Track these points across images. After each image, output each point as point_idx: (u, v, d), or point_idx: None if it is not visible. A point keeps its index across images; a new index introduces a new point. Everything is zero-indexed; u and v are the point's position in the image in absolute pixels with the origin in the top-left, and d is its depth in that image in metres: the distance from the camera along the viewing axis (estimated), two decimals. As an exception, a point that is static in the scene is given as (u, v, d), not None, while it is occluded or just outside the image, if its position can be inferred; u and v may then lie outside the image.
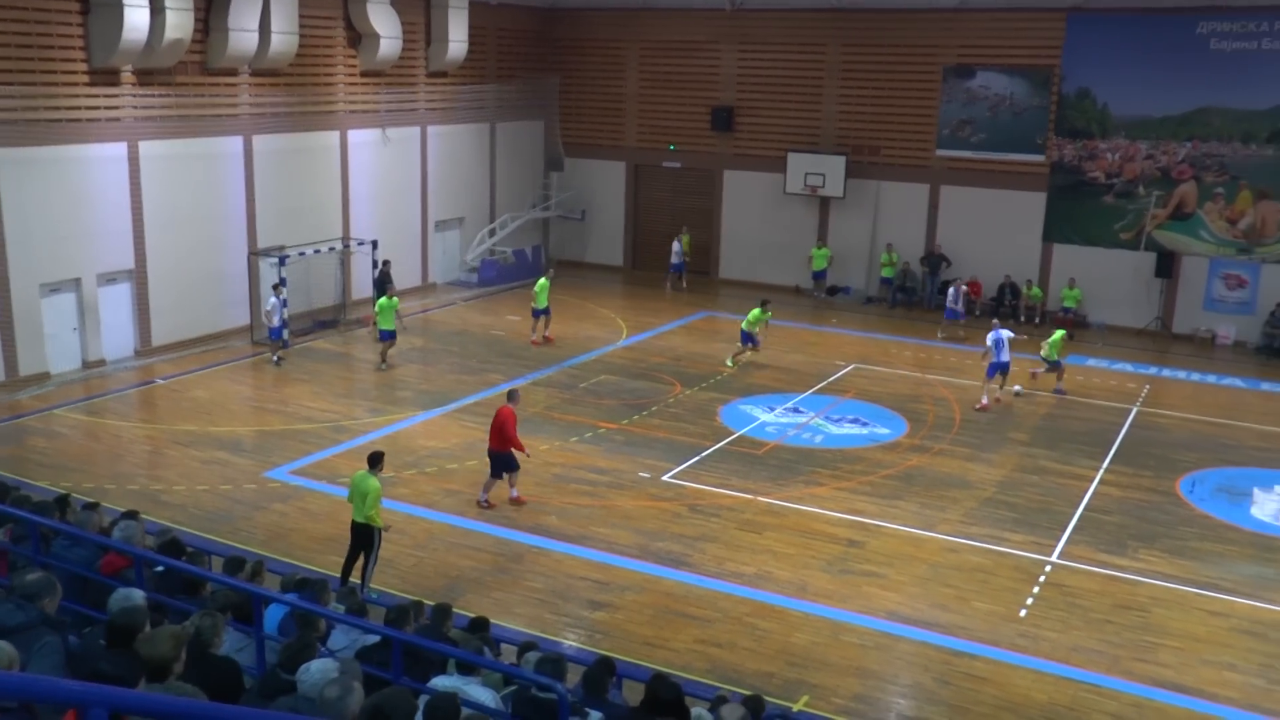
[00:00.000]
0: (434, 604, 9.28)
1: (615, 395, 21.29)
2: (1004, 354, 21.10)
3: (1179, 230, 27.46)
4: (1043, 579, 14.11)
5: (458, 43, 29.42)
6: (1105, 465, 18.31)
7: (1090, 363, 24.60)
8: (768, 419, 20.21)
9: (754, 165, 31.89)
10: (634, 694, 8.67)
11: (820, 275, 30.90)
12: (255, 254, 24.65)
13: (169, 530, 10.54)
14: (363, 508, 12.77)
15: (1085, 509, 16.44)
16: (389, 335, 22.60)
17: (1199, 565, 14.66)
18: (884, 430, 19.79)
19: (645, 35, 32.99)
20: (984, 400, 21.26)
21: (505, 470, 15.68)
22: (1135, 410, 21.42)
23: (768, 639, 12.46)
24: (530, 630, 12.26)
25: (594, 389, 21.66)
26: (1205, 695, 11.58)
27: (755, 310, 23.38)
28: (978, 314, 27.88)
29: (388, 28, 27.11)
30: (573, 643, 12.18)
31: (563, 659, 8.02)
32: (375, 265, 26.26)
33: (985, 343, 21.53)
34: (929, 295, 29.98)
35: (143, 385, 21.35)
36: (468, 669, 7.41)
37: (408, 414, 19.89)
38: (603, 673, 7.84)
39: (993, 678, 11.80)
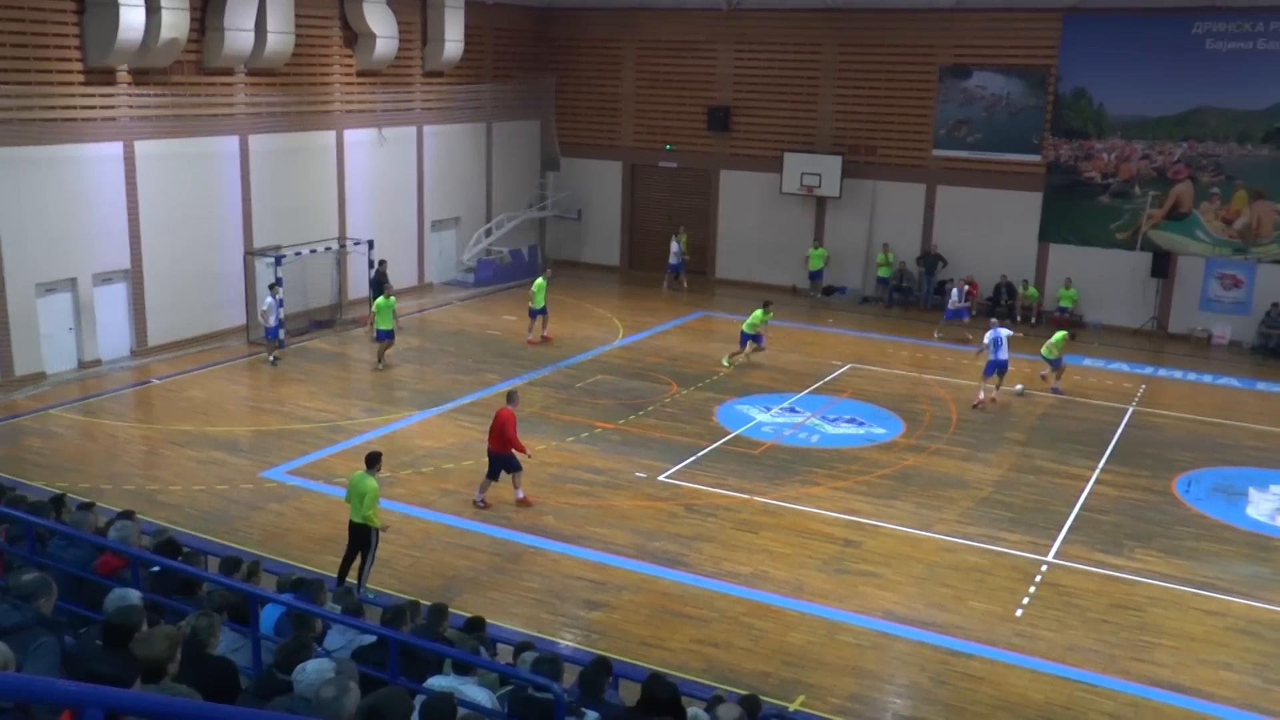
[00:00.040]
0: (430, 604, 9.28)
1: (612, 395, 21.29)
2: (1002, 352, 21.15)
3: (1175, 230, 27.50)
4: (1039, 578, 14.12)
5: (454, 42, 29.41)
6: (1101, 465, 18.33)
7: (1086, 362, 24.61)
8: (764, 419, 20.21)
9: (750, 165, 31.89)
10: (630, 694, 8.66)
11: (817, 275, 30.91)
12: (251, 254, 24.63)
13: (165, 530, 10.54)
14: (360, 508, 12.77)
15: (1081, 508, 16.46)
16: (387, 335, 22.59)
17: (1195, 565, 14.68)
18: (880, 430, 19.80)
19: (641, 35, 32.99)
20: (980, 395, 21.31)
21: (505, 470, 15.67)
22: (1131, 410, 21.45)
23: (764, 639, 12.47)
24: (526, 630, 12.25)
25: (590, 389, 21.66)
26: (1201, 694, 11.59)
27: (758, 312, 23.31)
28: (974, 314, 27.88)
29: (384, 27, 27.09)
30: (569, 642, 12.17)
31: (559, 659, 8.02)
32: (371, 265, 26.24)
33: (983, 341, 21.59)
34: (925, 295, 30.02)
35: (139, 385, 21.32)
36: (464, 669, 7.40)
37: (404, 414, 19.88)
38: (599, 673, 7.84)
39: (989, 677, 11.81)
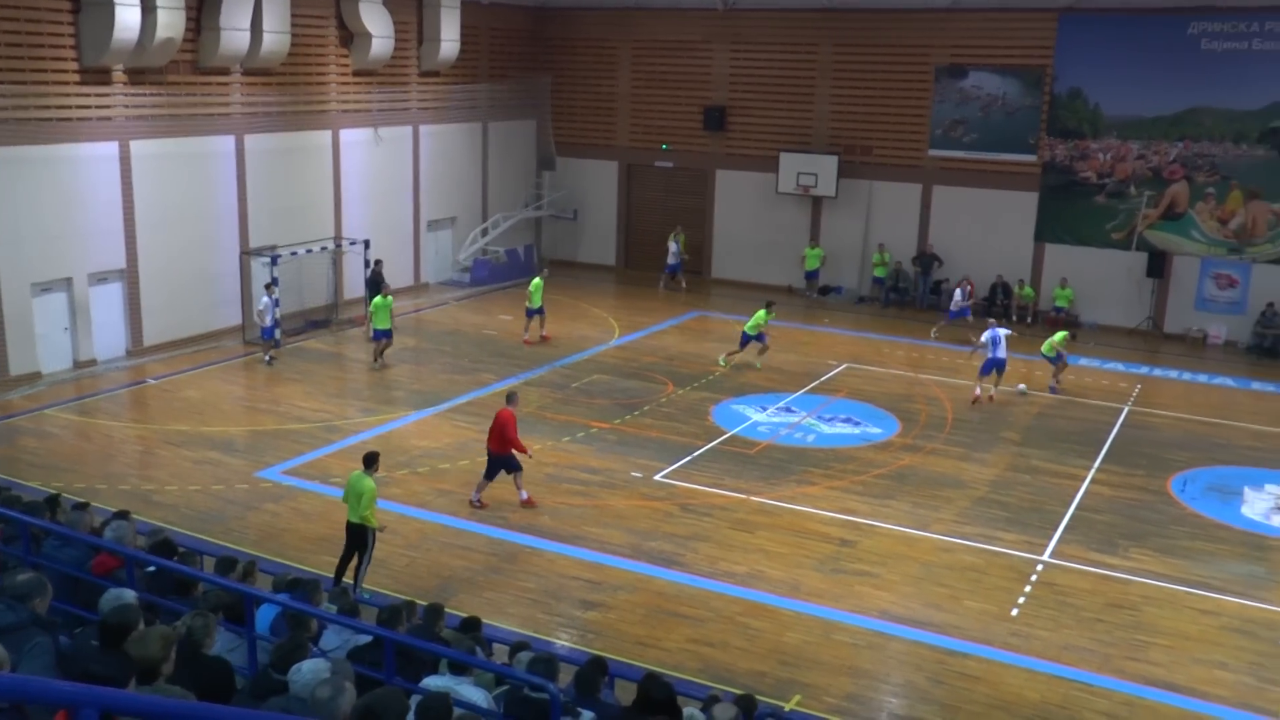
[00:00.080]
0: (426, 604, 9.28)
1: (607, 395, 21.29)
2: (1000, 351, 21.20)
3: (1170, 230, 27.54)
4: (1035, 578, 14.14)
5: (450, 42, 29.40)
6: (1097, 464, 18.35)
7: (1082, 362, 24.62)
8: (760, 418, 20.22)
9: (746, 165, 31.89)
10: (626, 694, 8.67)
11: (813, 275, 30.91)
12: (247, 253, 24.60)
13: (161, 530, 10.50)
14: (358, 508, 12.76)
15: (1077, 508, 16.48)
16: (384, 334, 22.57)
17: (1190, 564, 14.70)
18: (876, 430, 19.81)
19: (637, 35, 32.99)
20: (976, 391, 21.36)
21: (505, 471, 15.66)
22: (1127, 410, 21.48)
23: (760, 638, 12.47)
24: (522, 630, 12.25)
25: (586, 388, 21.66)
26: (1196, 693, 11.61)
27: (760, 312, 23.17)
28: (974, 314, 27.90)
29: (380, 27, 27.08)
30: (565, 642, 12.18)
31: (555, 659, 8.03)
32: (367, 265, 26.21)
33: (980, 340, 21.63)
34: (921, 295, 30.04)
35: (134, 385, 21.29)
36: (460, 669, 7.40)
37: (400, 414, 19.87)
38: (595, 672, 7.84)
39: (985, 677, 11.82)
